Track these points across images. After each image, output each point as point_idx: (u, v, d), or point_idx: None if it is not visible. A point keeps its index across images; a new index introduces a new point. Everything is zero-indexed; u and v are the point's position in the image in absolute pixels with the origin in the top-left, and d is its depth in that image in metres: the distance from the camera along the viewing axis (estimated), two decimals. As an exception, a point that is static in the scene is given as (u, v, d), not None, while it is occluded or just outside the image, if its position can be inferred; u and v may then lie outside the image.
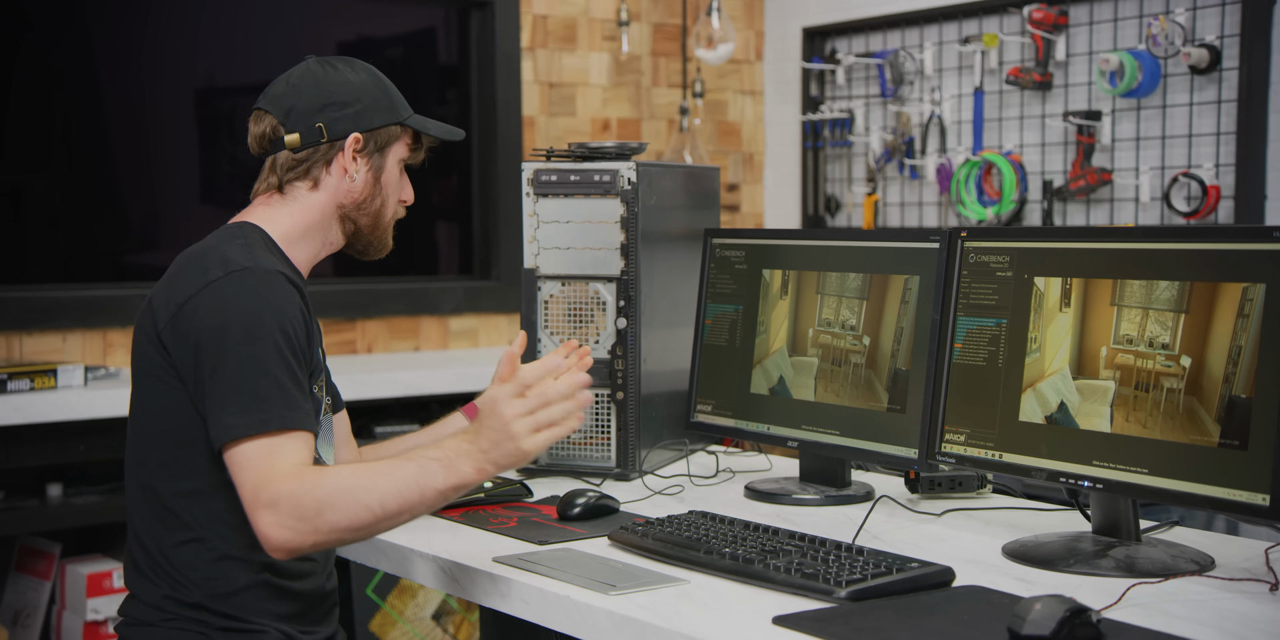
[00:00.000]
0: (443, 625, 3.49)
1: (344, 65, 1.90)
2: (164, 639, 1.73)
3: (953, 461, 1.92)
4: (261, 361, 1.65)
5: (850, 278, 2.15)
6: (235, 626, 1.73)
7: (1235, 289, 1.63)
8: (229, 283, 1.69)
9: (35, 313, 3.38)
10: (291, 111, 1.86)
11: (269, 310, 1.67)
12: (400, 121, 1.90)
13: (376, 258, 1.96)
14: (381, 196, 1.90)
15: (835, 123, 4.39)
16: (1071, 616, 1.40)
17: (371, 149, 1.88)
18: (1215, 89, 3.41)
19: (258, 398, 1.63)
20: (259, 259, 1.73)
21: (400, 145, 1.91)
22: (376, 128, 1.87)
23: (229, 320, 1.66)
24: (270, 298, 1.68)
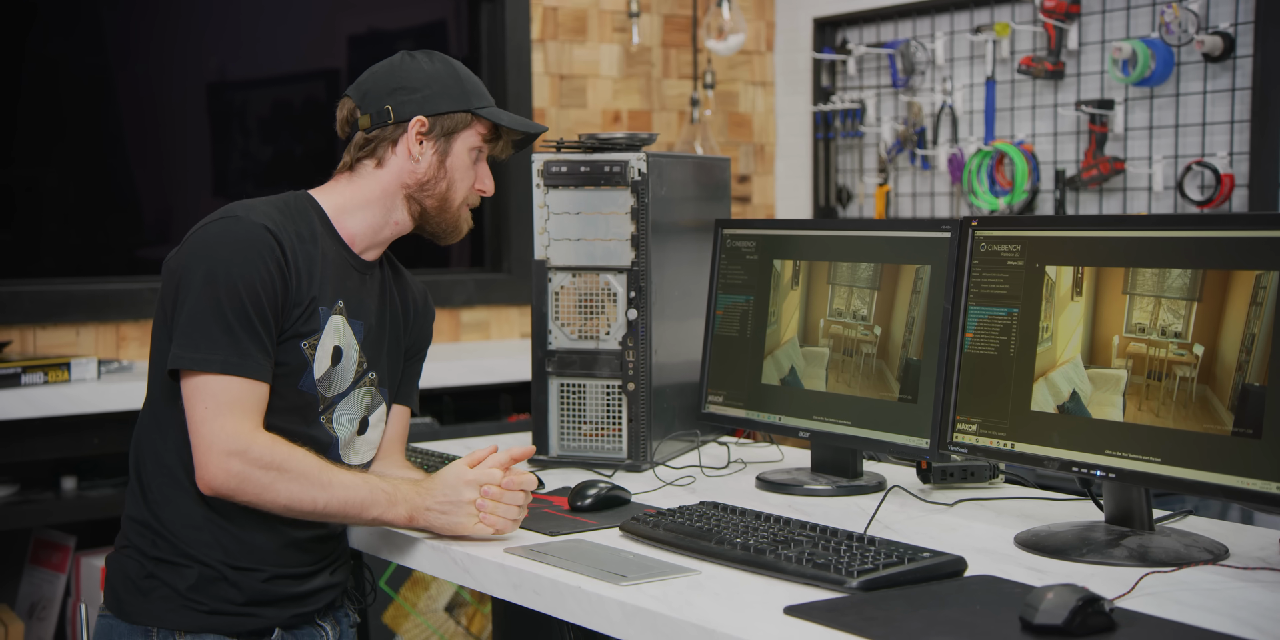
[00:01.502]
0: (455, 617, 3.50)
1: (424, 56, 1.98)
2: (117, 566, 1.88)
3: (964, 451, 1.92)
4: (215, 306, 1.77)
5: (861, 267, 2.14)
6: (166, 560, 1.83)
7: (1248, 277, 1.62)
8: (212, 228, 1.83)
9: (49, 306, 3.39)
10: (366, 95, 1.96)
11: (234, 259, 1.78)
12: (469, 110, 1.95)
13: (449, 242, 2.02)
14: (447, 180, 1.96)
15: (846, 113, 4.38)
16: (1084, 606, 1.40)
17: (438, 133, 1.94)
18: (1229, 77, 3.39)
19: (207, 338, 1.77)
20: (254, 213, 1.84)
21: (471, 133, 1.96)
22: (442, 112, 1.93)
23: (198, 262, 1.80)
24: (239, 247, 1.79)
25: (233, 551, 1.84)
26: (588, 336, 2.33)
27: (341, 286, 1.91)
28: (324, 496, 1.77)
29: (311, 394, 1.88)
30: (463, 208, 2.00)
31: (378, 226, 1.97)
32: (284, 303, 1.82)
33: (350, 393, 1.94)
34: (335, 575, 1.97)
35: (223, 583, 1.83)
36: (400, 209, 1.97)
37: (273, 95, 3.94)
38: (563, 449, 2.35)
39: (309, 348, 1.86)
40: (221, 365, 1.76)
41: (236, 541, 1.84)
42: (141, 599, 1.83)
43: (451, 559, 1.83)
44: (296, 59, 3.98)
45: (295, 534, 1.88)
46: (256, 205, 1.87)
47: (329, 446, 1.92)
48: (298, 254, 1.85)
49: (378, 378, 1.99)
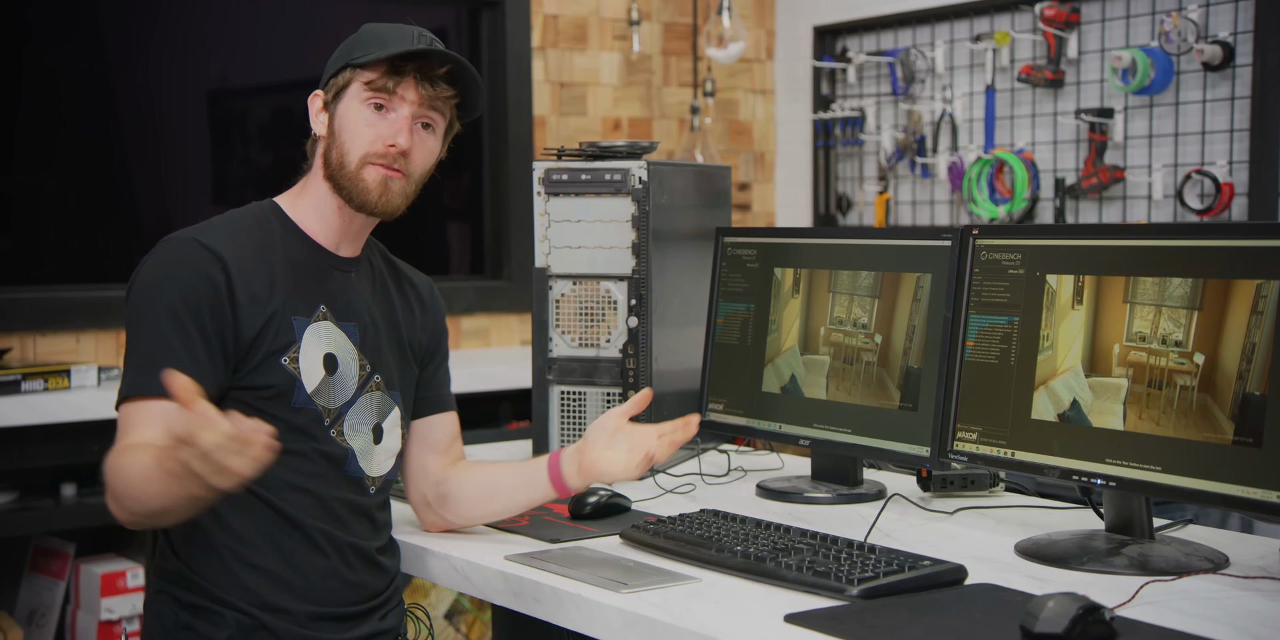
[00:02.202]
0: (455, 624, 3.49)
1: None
2: (155, 615, 1.79)
3: (965, 459, 1.92)
4: (139, 331, 1.70)
5: (862, 276, 2.15)
6: (200, 609, 1.74)
7: (1249, 286, 1.62)
8: (150, 254, 1.76)
9: (49, 313, 3.40)
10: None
11: (162, 280, 1.71)
12: (347, 63, 1.81)
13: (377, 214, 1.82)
14: (338, 141, 1.80)
15: (846, 121, 4.38)
16: (1084, 614, 1.40)
17: (329, 101, 1.83)
18: (1229, 86, 3.40)
19: (127, 366, 1.70)
20: (193, 230, 1.76)
21: (356, 87, 1.80)
22: (328, 80, 1.84)
23: (131, 292, 1.73)
24: (168, 267, 1.71)
25: (266, 588, 1.74)
26: (588, 344, 2.33)
27: (321, 290, 1.81)
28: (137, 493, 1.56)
29: (311, 408, 1.77)
30: (364, 167, 1.79)
31: (326, 216, 1.84)
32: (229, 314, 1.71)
33: (357, 399, 1.83)
34: (386, 620, 1.85)
35: (261, 631, 1.72)
36: (330, 191, 1.82)
37: (273, 102, 3.94)
38: (563, 456, 2.35)
39: (290, 362, 1.75)
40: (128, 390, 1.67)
41: (267, 577, 1.74)
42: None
43: (452, 566, 1.83)
44: (297, 66, 3.98)
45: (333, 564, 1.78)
46: (200, 225, 1.79)
47: (344, 460, 1.81)
48: (245, 266, 1.74)
49: (384, 381, 1.88)
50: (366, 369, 1.85)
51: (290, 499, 1.76)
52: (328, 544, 1.78)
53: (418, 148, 1.82)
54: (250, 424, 1.44)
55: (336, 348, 1.82)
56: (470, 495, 1.93)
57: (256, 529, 1.75)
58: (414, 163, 1.82)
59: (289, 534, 1.76)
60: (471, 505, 1.93)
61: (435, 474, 1.96)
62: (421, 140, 1.83)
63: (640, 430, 1.84)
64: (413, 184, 1.84)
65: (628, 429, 1.84)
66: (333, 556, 1.79)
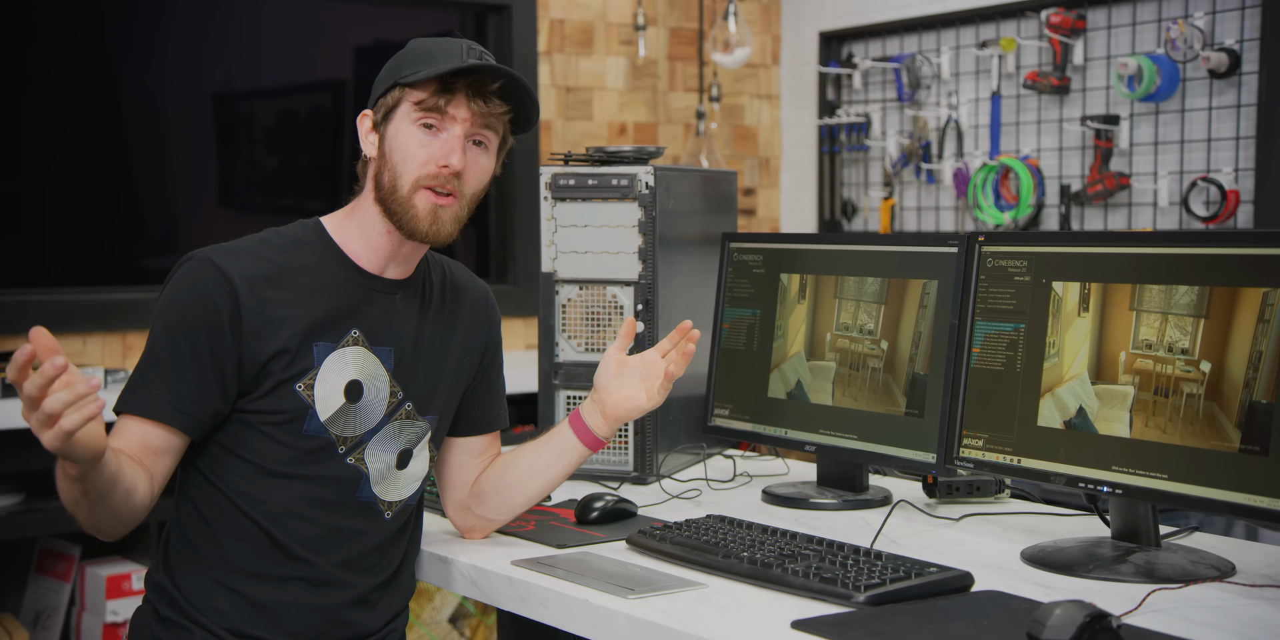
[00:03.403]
0: (459, 629, 3.49)
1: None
2: (136, 621, 1.80)
3: (971, 466, 1.92)
4: (145, 348, 1.71)
5: (868, 282, 2.15)
6: (172, 620, 1.73)
7: (1255, 294, 1.62)
8: (173, 269, 1.74)
9: (55, 315, 3.40)
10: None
11: (171, 299, 1.70)
12: (395, 82, 1.74)
13: (427, 242, 1.76)
14: (389, 164, 1.74)
15: (852, 127, 4.38)
16: (1091, 622, 1.39)
17: (379, 121, 1.77)
18: (1234, 93, 3.40)
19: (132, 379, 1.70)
20: (215, 249, 1.73)
21: (406, 106, 1.73)
22: (377, 99, 1.77)
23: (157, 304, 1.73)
24: (178, 287, 1.70)
25: (241, 615, 1.71)
26: (595, 349, 2.33)
27: (356, 314, 1.75)
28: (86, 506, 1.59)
29: (323, 436, 1.72)
30: (416, 192, 1.72)
31: (374, 240, 1.77)
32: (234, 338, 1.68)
33: (383, 426, 1.78)
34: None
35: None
36: (380, 216, 1.76)
37: (278, 106, 3.95)
38: (568, 461, 2.35)
39: (305, 389, 1.71)
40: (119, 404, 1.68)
41: (246, 603, 1.72)
42: None
43: (459, 571, 1.83)
44: (303, 69, 3.99)
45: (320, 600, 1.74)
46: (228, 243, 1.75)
47: (356, 482, 1.76)
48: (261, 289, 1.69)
49: (416, 406, 1.81)
50: (398, 395, 1.80)
51: (291, 528, 1.72)
52: (320, 579, 1.74)
53: (471, 167, 1.75)
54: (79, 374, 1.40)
55: (364, 374, 1.76)
56: (507, 485, 1.90)
57: (250, 556, 1.72)
58: (467, 183, 1.75)
59: (281, 564, 1.73)
60: (511, 494, 1.90)
61: (473, 479, 1.94)
62: (475, 159, 1.76)
63: (643, 358, 1.90)
64: (465, 206, 1.77)
65: (631, 363, 1.89)
66: (322, 592, 1.74)
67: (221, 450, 1.73)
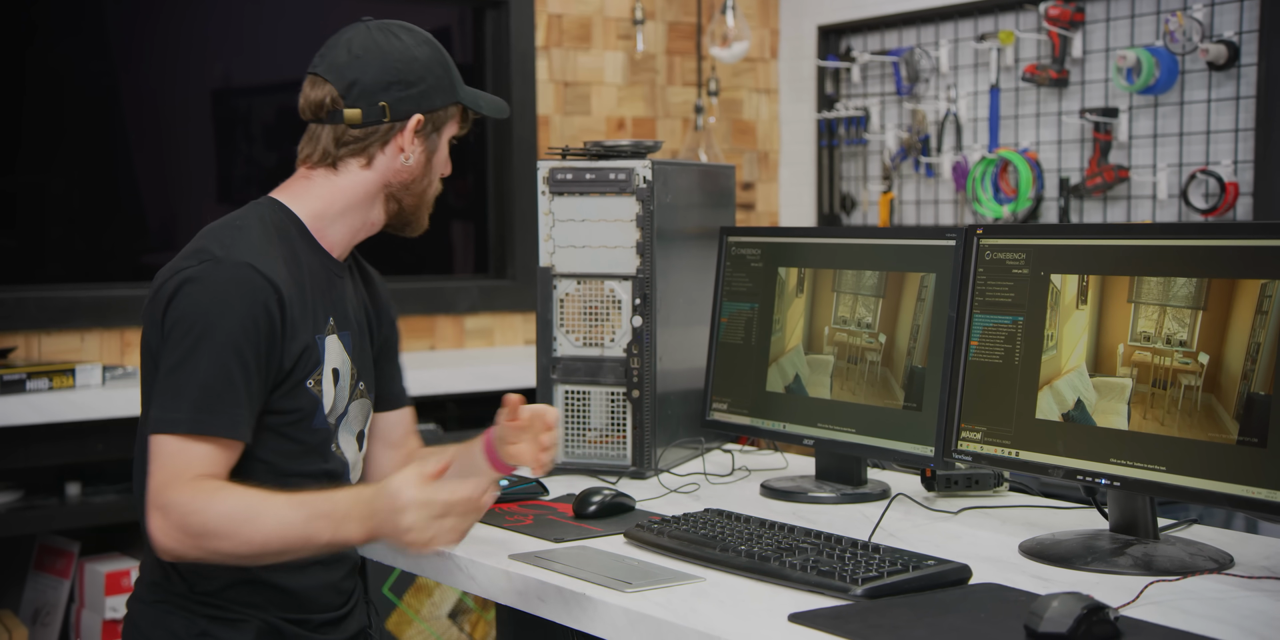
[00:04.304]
0: (459, 624, 3.49)
1: (407, 36, 1.83)
2: (156, 622, 1.75)
3: (969, 459, 1.92)
4: (196, 362, 1.61)
5: (866, 275, 2.15)
6: (219, 615, 1.74)
7: (1254, 285, 1.62)
8: (194, 274, 1.65)
9: (53, 312, 3.40)
10: (355, 85, 1.79)
11: (224, 309, 1.63)
12: (458, 100, 1.85)
13: (414, 235, 1.90)
14: (430, 177, 1.86)
15: (850, 120, 4.38)
16: (1089, 614, 1.39)
17: (429, 129, 1.83)
18: (1233, 85, 3.40)
19: (179, 397, 1.61)
20: (235, 250, 1.67)
21: (453, 123, 1.87)
22: (438, 108, 1.82)
23: (182, 315, 1.63)
24: (228, 296, 1.63)
25: (286, 605, 1.77)
26: (592, 343, 2.33)
27: (329, 301, 1.79)
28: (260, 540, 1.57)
29: (324, 428, 1.77)
30: (433, 199, 1.90)
31: (357, 230, 1.83)
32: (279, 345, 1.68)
33: (347, 410, 1.83)
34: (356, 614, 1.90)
35: (275, 636, 1.75)
36: (378, 208, 1.83)
37: (277, 102, 3.94)
38: (567, 456, 2.35)
39: (314, 384, 1.74)
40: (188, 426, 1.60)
41: (285, 595, 1.76)
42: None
43: (457, 565, 1.83)
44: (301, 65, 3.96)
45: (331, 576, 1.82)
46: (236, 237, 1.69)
47: (342, 475, 1.82)
48: (291, 293, 1.69)
49: (366, 386, 1.88)
50: (355, 377, 1.84)
51: None
52: (330, 559, 1.81)
53: None
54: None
55: (339, 361, 1.81)
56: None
57: None
58: None
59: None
60: None
61: (391, 471, 1.90)
62: None
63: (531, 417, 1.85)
64: None
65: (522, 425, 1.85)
66: (332, 569, 1.83)
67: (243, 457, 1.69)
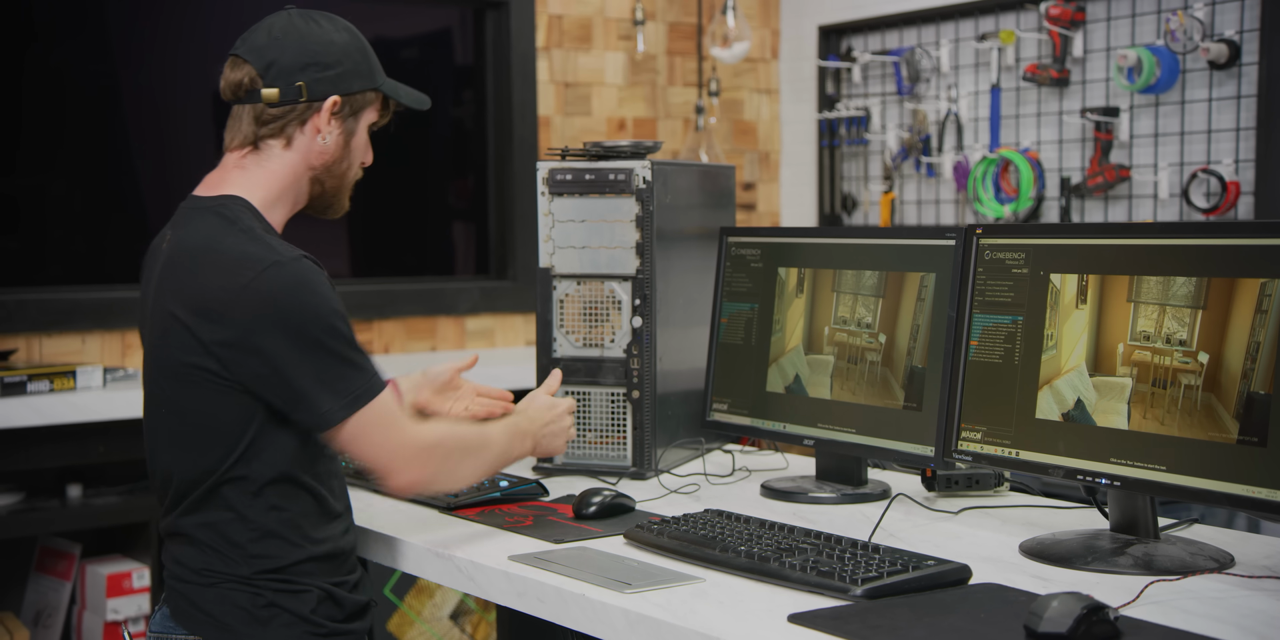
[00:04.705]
0: (460, 625, 3.49)
1: (327, 22, 1.89)
2: (219, 598, 1.79)
3: (969, 459, 1.92)
4: (331, 340, 1.73)
5: (866, 275, 2.14)
6: (284, 588, 1.80)
7: (1253, 284, 1.62)
8: (267, 280, 1.71)
9: (54, 314, 3.40)
10: (273, 66, 1.85)
11: (316, 294, 1.74)
12: (376, 87, 1.90)
13: (333, 217, 1.97)
14: (349, 160, 1.91)
15: (851, 121, 4.38)
16: (1089, 614, 1.39)
17: (346, 113, 1.88)
18: (1235, 84, 3.39)
19: (346, 372, 1.74)
20: (278, 249, 1.76)
21: (372, 110, 1.92)
22: (355, 92, 1.88)
23: (287, 315, 1.71)
24: (311, 285, 1.74)
25: (331, 571, 1.84)
26: (592, 344, 2.33)
27: None
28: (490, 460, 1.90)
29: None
30: (352, 184, 1.95)
31: (289, 211, 1.91)
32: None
33: None
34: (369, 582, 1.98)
35: (330, 602, 1.82)
36: (304, 190, 1.90)
37: (278, 103, 3.94)
38: (567, 457, 2.35)
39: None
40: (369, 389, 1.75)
41: (331, 562, 1.84)
42: (260, 628, 1.78)
43: (456, 567, 1.83)
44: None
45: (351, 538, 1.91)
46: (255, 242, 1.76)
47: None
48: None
49: None
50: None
51: (331, 486, 1.86)
52: (350, 522, 1.92)
53: None
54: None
55: None
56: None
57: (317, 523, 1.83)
58: None
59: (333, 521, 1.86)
60: None
61: None
62: None
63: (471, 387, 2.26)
64: None
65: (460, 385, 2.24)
66: (351, 533, 1.92)
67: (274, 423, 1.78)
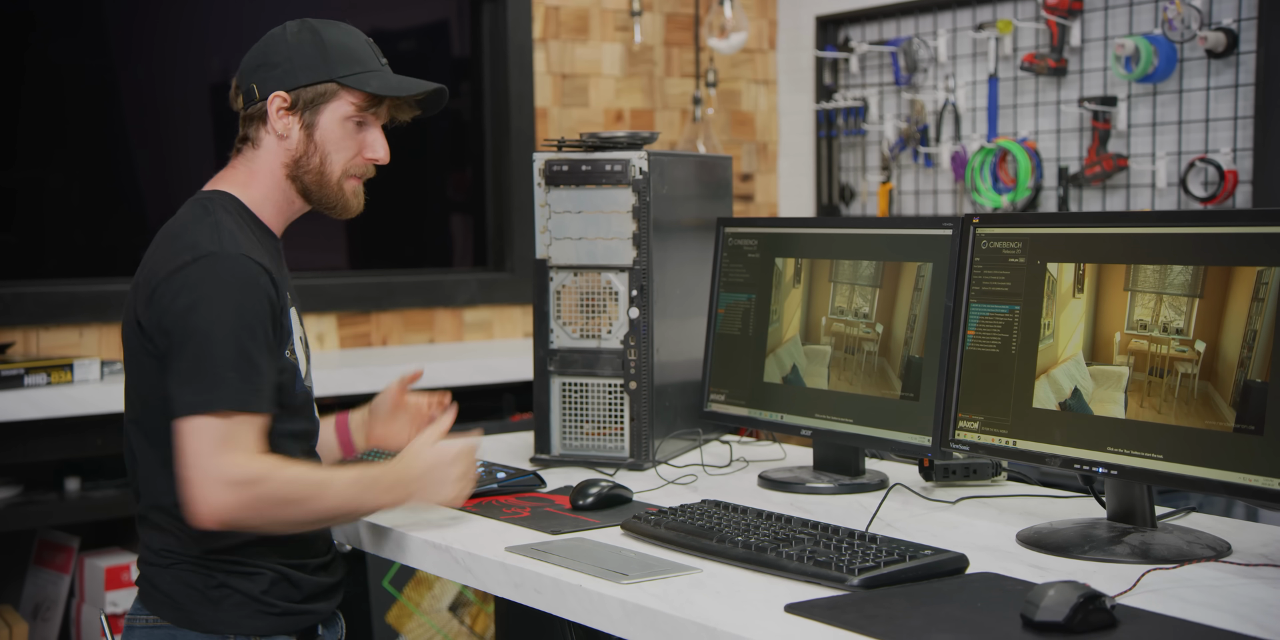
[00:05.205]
0: (459, 616, 3.50)
1: (294, 26, 1.93)
2: (175, 579, 1.83)
3: (966, 449, 1.92)
4: (219, 344, 1.73)
5: (863, 265, 2.14)
6: (234, 569, 1.82)
7: (1250, 273, 1.61)
8: (196, 269, 1.76)
9: (52, 307, 3.40)
10: (240, 72, 1.94)
11: (232, 295, 1.75)
12: (332, 78, 1.88)
13: (344, 217, 1.96)
14: (319, 154, 1.89)
15: (849, 111, 4.37)
16: (1085, 602, 1.39)
17: (301, 106, 1.88)
18: (1232, 73, 3.39)
19: (214, 379, 1.72)
20: (225, 242, 1.78)
21: (341, 103, 1.89)
22: (302, 85, 1.88)
23: (194, 305, 1.74)
24: (233, 282, 1.75)
25: (290, 551, 1.86)
26: (589, 335, 2.33)
27: (284, 277, 1.90)
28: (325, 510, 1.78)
29: (304, 390, 1.90)
30: (345, 180, 1.92)
31: (283, 208, 1.93)
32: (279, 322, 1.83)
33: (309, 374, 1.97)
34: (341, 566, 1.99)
35: (285, 583, 1.84)
36: (289, 188, 1.92)
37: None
38: (565, 448, 2.35)
39: (290, 353, 1.86)
40: (220, 400, 1.71)
41: (288, 544, 1.85)
42: (213, 608, 1.80)
43: (453, 558, 1.83)
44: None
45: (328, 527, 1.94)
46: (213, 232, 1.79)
47: (316, 435, 1.97)
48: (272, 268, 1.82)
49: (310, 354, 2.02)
50: (306, 343, 1.97)
51: None
52: None
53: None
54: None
55: (300, 331, 1.95)
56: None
57: None
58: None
59: None
60: None
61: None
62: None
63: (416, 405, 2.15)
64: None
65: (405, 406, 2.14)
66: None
67: None
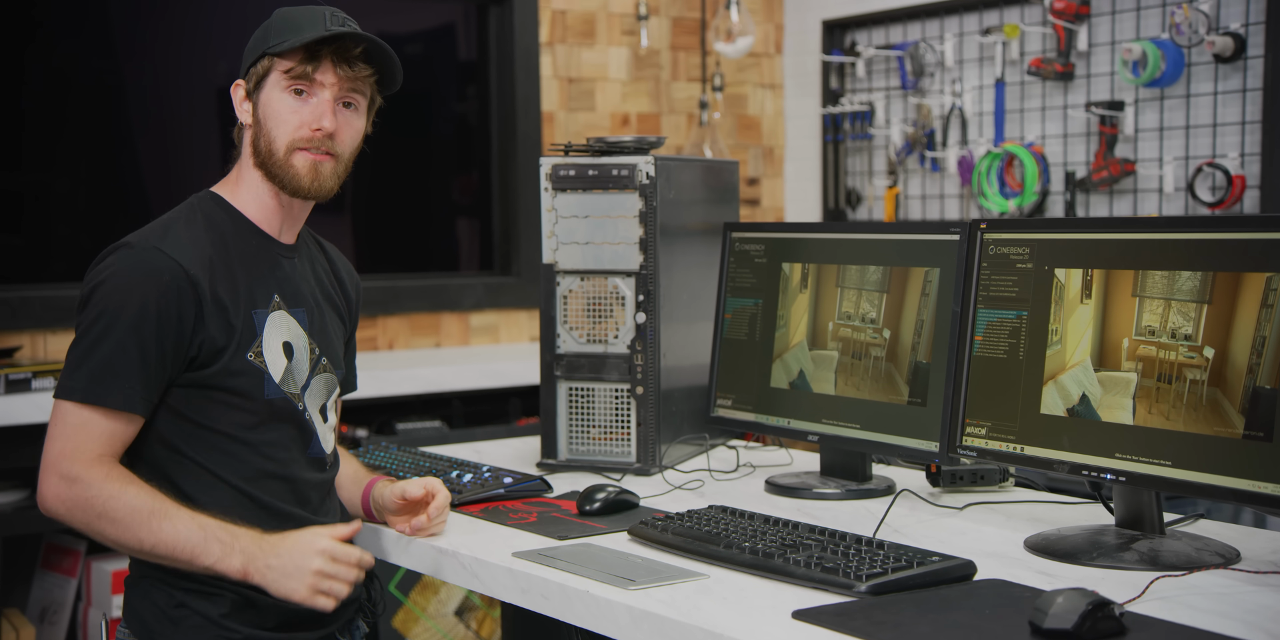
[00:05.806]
0: (465, 621, 3.49)
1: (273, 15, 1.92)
2: (142, 595, 1.82)
3: (974, 455, 1.91)
4: (101, 337, 1.73)
5: (870, 270, 2.14)
6: (196, 589, 1.79)
7: (1259, 279, 1.61)
8: (107, 259, 1.79)
9: (59, 311, 3.40)
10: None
11: (131, 287, 1.74)
12: (264, 52, 1.84)
13: (303, 196, 1.86)
14: (264, 130, 1.85)
15: (856, 115, 4.37)
16: (1094, 610, 1.39)
17: (252, 89, 1.87)
18: (1240, 78, 3.38)
19: (81, 368, 1.73)
20: (152, 236, 1.80)
21: (276, 75, 1.84)
22: (248, 69, 1.87)
23: (90, 294, 1.77)
24: (134, 274, 1.75)
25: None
26: (596, 340, 2.33)
27: (273, 279, 1.87)
28: (150, 540, 1.70)
29: (282, 396, 1.84)
30: (292, 154, 1.83)
31: (265, 204, 1.88)
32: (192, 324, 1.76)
33: (310, 383, 1.90)
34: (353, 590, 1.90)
35: (249, 609, 1.79)
36: (258, 176, 1.88)
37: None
38: (571, 453, 2.34)
39: (255, 356, 1.81)
40: (82, 394, 1.71)
41: None
42: (172, 628, 1.78)
43: (460, 563, 1.83)
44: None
45: None
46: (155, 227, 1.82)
47: (310, 442, 1.89)
48: (212, 273, 1.79)
49: (330, 361, 1.94)
50: (315, 352, 1.92)
51: (269, 488, 1.84)
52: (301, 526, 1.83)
53: (344, 128, 1.87)
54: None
55: (292, 335, 1.88)
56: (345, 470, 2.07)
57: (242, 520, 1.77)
58: (342, 143, 1.87)
59: (267, 523, 1.81)
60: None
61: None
62: (347, 120, 1.87)
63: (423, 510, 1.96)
64: (343, 164, 1.89)
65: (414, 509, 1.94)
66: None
67: (191, 425, 1.80)
